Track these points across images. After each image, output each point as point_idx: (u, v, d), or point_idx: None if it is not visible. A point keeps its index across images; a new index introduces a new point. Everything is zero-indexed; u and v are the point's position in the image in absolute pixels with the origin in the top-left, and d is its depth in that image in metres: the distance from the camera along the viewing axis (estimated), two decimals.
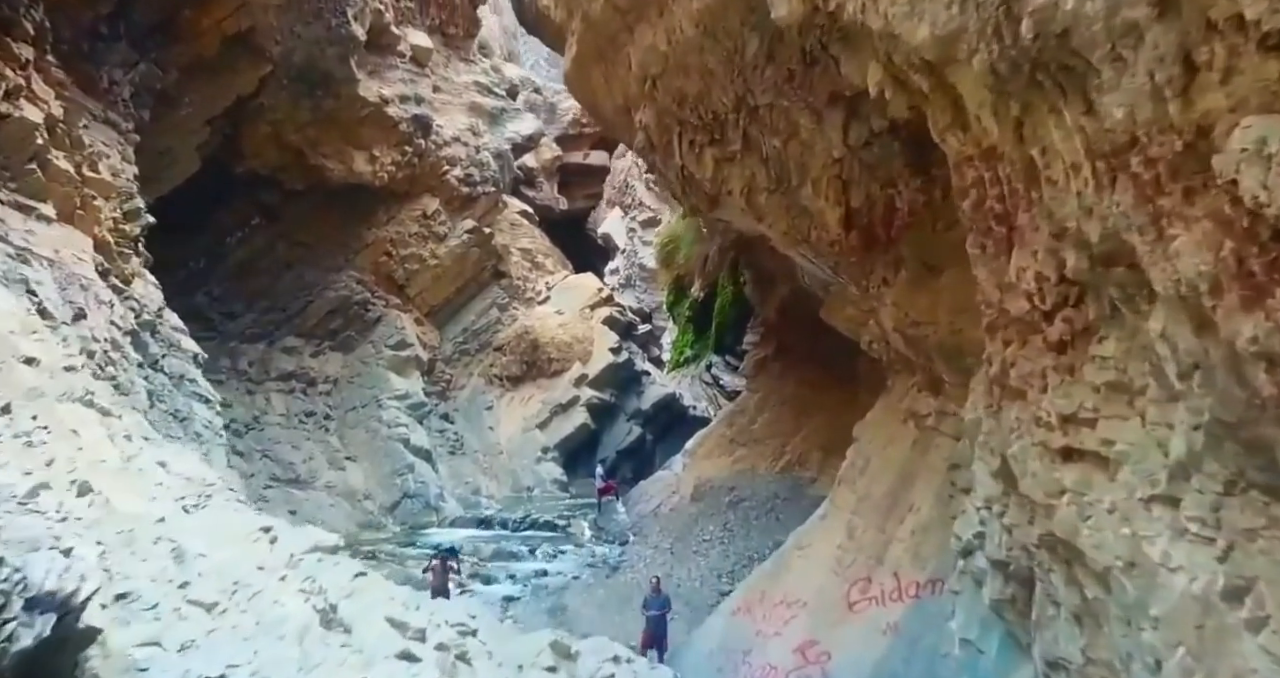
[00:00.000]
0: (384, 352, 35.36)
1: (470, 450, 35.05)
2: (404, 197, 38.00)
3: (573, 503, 30.34)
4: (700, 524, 18.31)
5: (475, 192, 39.77)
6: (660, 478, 25.31)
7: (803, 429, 21.39)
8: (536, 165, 56.38)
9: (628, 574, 17.27)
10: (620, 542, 22.66)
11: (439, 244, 38.63)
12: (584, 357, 37.19)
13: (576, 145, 60.96)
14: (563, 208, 57.83)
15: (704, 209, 16.28)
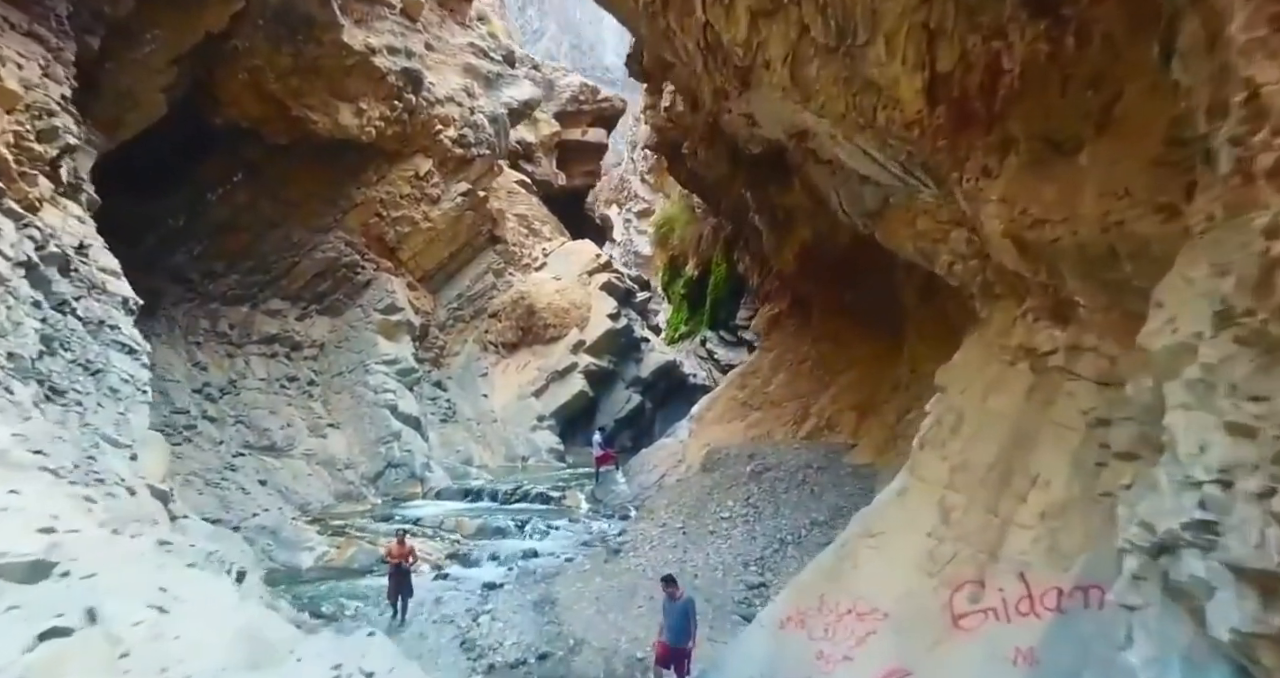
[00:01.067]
0: (373, 316, 31.02)
1: (463, 418, 30.79)
2: (395, 156, 33.56)
3: (569, 473, 26.19)
4: (716, 498, 14.13)
5: (470, 154, 35.33)
6: (664, 446, 21.17)
7: (830, 389, 17.26)
8: (535, 140, 51.95)
9: (630, 559, 13.14)
10: (621, 516, 18.57)
11: (432, 206, 34.24)
12: (581, 323, 32.93)
13: (575, 122, 56.46)
14: (561, 183, 53.34)
15: (733, 91, 11.86)
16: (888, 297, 15.42)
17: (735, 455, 16.34)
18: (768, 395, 19.83)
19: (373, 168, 32.94)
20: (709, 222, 67.48)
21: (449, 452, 28.80)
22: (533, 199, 40.70)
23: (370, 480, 24.57)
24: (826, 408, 16.60)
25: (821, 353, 18.17)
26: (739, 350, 58.34)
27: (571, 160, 56.32)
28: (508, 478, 25.29)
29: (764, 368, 20.60)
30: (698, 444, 20.12)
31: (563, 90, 55.47)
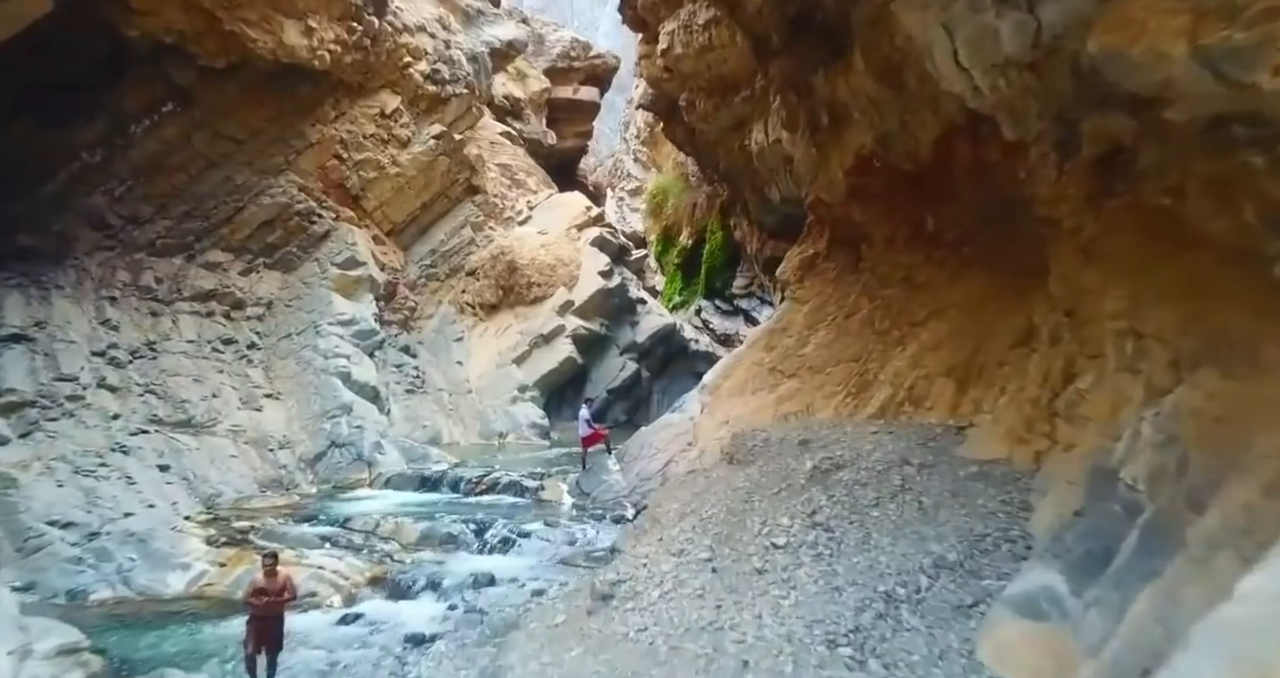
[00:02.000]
0: (330, 271, 25.00)
1: (433, 389, 24.93)
2: (357, 90, 27.42)
3: (553, 454, 20.39)
4: (759, 510, 8.26)
5: (444, 92, 29.21)
6: (668, 424, 15.43)
7: (902, 348, 11.49)
8: (523, 96, 45.67)
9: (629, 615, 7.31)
10: (613, 518, 12.88)
11: (401, 150, 28.15)
12: (569, 281, 27.04)
13: (566, 79, 50.18)
14: (551, 143, 47.10)
15: None
16: (1006, 212, 9.67)
17: (779, 442, 10.52)
18: (804, 359, 14.06)
19: (330, 102, 26.81)
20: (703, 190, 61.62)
21: (413, 427, 22.97)
22: (517, 150, 34.61)
23: (308, 464, 18.74)
24: (904, 374, 10.89)
25: (887, 301, 12.45)
26: (735, 319, 52.38)
27: (562, 120, 50.09)
28: (477, 461, 19.44)
29: (797, 324, 14.81)
30: (713, 423, 14.36)
31: (553, 46, 49.19)
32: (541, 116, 47.13)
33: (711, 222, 58.64)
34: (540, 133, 45.85)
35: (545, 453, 20.54)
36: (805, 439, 10.10)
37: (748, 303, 52.27)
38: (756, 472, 9.53)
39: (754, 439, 11.31)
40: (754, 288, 52.43)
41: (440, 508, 15.08)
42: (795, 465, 8.99)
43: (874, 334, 12.80)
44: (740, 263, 54.47)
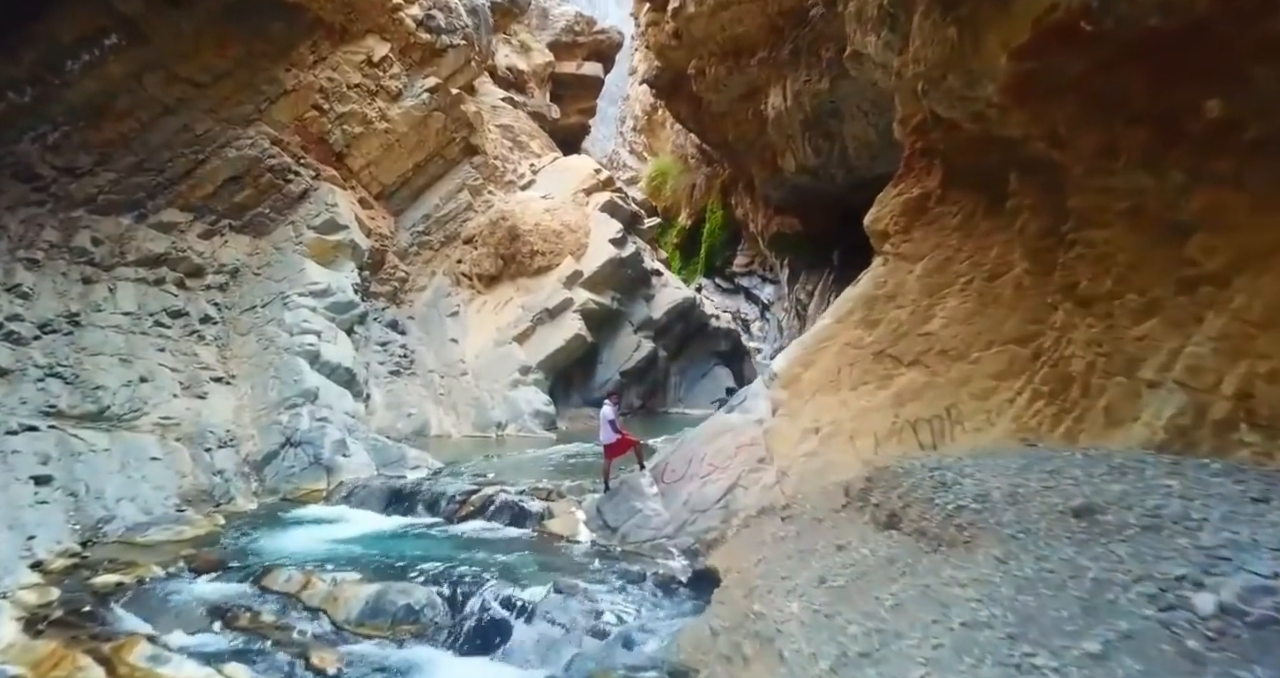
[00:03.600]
0: (305, 235, 19.18)
1: (422, 370, 19.29)
2: (340, 33, 21.47)
3: (561, 453, 14.69)
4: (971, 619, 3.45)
5: (440, 42, 23.25)
6: (725, 428, 9.77)
7: (1171, 315, 6.02)
8: (527, 69, 39.48)
9: None
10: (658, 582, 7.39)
11: (391, 103, 22.23)
12: (577, 250, 21.33)
13: (570, 54, 43.99)
14: (555, 117, 40.98)
15: None
16: None
17: (1009, 499, 4.97)
18: (930, 340, 8.55)
19: (308, 45, 20.87)
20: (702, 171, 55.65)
21: (396, 416, 17.35)
22: (519, 113, 28.63)
23: (253, 468, 13.15)
24: (1171, 362, 5.48)
25: (1092, 248, 6.92)
26: (736, 297, 46.84)
27: (566, 96, 43.97)
28: (467, 465, 13.72)
29: (909, 290, 9.27)
30: (795, 430, 8.84)
31: (557, 19, 42.97)
32: (545, 91, 41.03)
33: (711, 201, 52.84)
34: (544, 107, 39.75)
35: (551, 452, 14.92)
36: (1086, 507, 4.58)
37: (748, 281, 46.55)
38: (994, 573, 4.11)
39: (919, 485, 5.70)
40: (754, 266, 46.76)
41: (407, 545, 9.49)
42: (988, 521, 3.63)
43: (1053, 301, 7.24)
44: (741, 241, 48.83)
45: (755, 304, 43.56)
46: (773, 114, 30.31)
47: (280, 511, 11.66)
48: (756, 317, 42.16)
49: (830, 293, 35.00)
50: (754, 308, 43.09)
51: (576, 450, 14.86)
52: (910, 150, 10.59)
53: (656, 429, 18.28)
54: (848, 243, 35.12)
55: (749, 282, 45.44)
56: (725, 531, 8.23)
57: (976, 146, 9.36)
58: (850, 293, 10.23)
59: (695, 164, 54.89)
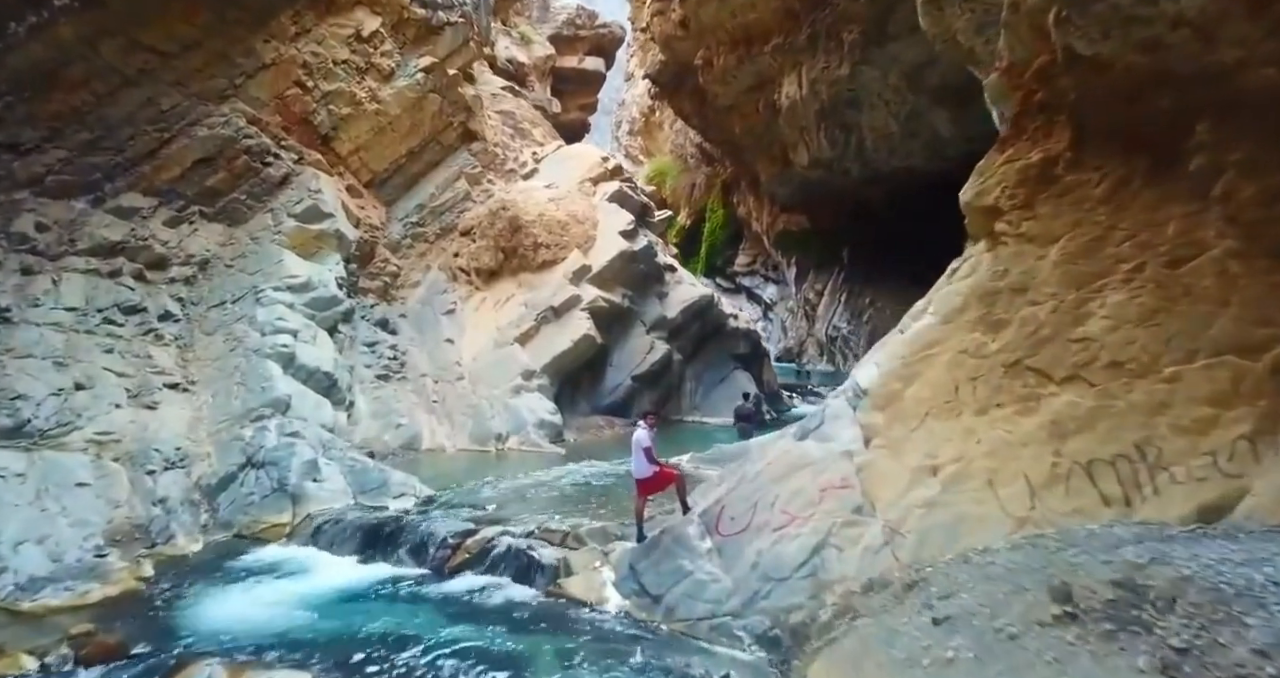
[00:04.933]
0: (285, 223, 16.47)
1: (414, 374, 16.60)
2: (325, 3, 18.78)
3: (571, 475, 11.90)
4: None
5: (436, 19, 20.57)
6: (801, 460, 7.17)
7: None
8: (528, 61, 36.84)
9: None
10: None
11: (382, 83, 19.51)
12: (585, 243, 18.68)
13: (571, 49, 41.33)
14: (556, 112, 38.30)
15: None
16: None
17: None
18: (1092, 347, 6.02)
19: (289, 15, 18.12)
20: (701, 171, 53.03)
21: (384, 427, 14.67)
22: (520, 101, 25.95)
23: (205, 495, 10.46)
24: None
25: None
26: (737, 297, 44.28)
27: (567, 91, 41.33)
28: (459, 490, 10.92)
29: (1046, 280, 6.79)
30: (902, 469, 6.33)
31: (558, 13, 40.30)
32: (546, 84, 38.38)
33: (712, 201, 50.32)
34: (545, 100, 37.11)
35: (561, 473, 12.16)
36: None
37: (750, 281, 44.03)
38: None
39: (1214, 596, 3.05)
40: (756, 265, 44.22)
41: (383, 613, 6.86)
42: None
43: None
44: (742, 241, 46.32)
45: (757, 304, 41.10)
46: (786, 104, 27.83)
47: (229, 554, 8.98)
48: (759, 317, 39.67)
49: (841, 292, 32.48)
50: (756, 308, 40.62)
51: (590, 472, 12.19)
52: (1022, 106, 7.97)
53: (674, 441, 15.67)
54: (858, 240, 32.73)
55: (751, 281, 42.98)
56: (817, 612, 5.64)
57: (1134, 91, 6.79)
58: (954, 285, 7.62)
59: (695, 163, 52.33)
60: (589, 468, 12.62)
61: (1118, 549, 4.40)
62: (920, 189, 26.48)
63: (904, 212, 27.86)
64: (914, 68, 22.01)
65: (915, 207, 27.18)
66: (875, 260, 29.45)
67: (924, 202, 27.10)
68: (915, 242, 28.01)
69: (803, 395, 22.41)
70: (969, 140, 23.97)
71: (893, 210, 28.99)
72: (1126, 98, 6.96)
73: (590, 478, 12.00)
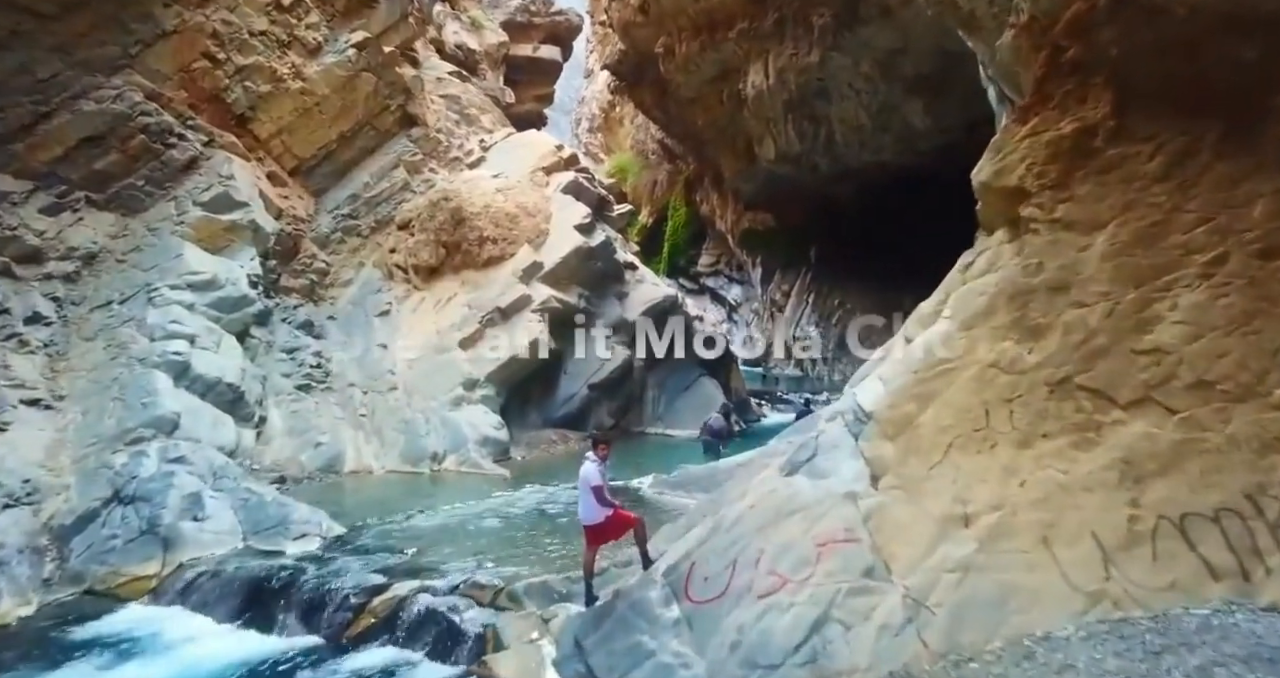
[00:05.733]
0: (190, 212, 14.50)
1: (341, 384, 14.80)
2: None
3: (517, 505, 10.20)
4: None
5: None
6: (791, 504, 5.95)
7: None
8: (479, 49, 34.83)
9: None
10: None
11: (308, 59, 17.63)
12: (536, 237, 17.05)
13: (525, 36, 39.49)
14: (509, 102, 36.43)
15: None
16: None
17: None
18: (1170, 359, 4.72)
19: None
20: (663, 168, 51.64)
21: (301, 446, 12.85)
22: (468, 86, 24.18)
23: (56, 539, 8.58)
24: None
25: None
26: (701, 298, 43.02)
27: (521, 82, 39.46)
28: (378, 528, 9.11)
29: (1093, 276, 5.47)
30: (926, 518, 4.98)
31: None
32: (499, 73, 36.46)
33: (674, 198, 48.93)
34: (498, 90, 35.18)
35: (503, 502, 10.54)
36: None
37: (714, 281, 42.72)
38: None
39: None
40: (721, 265, 42.98)
41: None
42: None
43: None
44: (706, 240, 45.03)
45: (722, 305, 39.85)
46: (751, 94, 26.58)
47: (70, 619, 7.17)
48: (723, 319, 38.46)
49: (808, 293, 31.38)
50: (720, 309, 39.40)
51: (537, 500, 10.60)
52: (1047, 68, 6.64)
53: (634, 457, 14.17)
54: (826, 238, 31.71)
55: (715, 282, 41.71)
56: None
57: (1199, 40, 5.54)
58: (973, 283, 6.27)
59: (656, 160, 50.88)
60: (536, 494, 11.03)
61: (1257, 650, 3.01)
62: (891, 185, 25.52)
63: (874, 208, 26.87)
64: (886, 54, 20.92)
65: (886, 203, 26.22)
66: (844, 260, 28.41)
67: (895, 198, 26.19)
68: (886, 240, 27.08)
69: (772, 403, 21.11)
70: (943, 132, 23.06)
71: (862, 207, 27.98)
72: (1187, 50, 5.68)
73: (537, 507, 10.41)
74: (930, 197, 24.31)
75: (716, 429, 14.04)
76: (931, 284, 6.97)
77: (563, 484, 11.22)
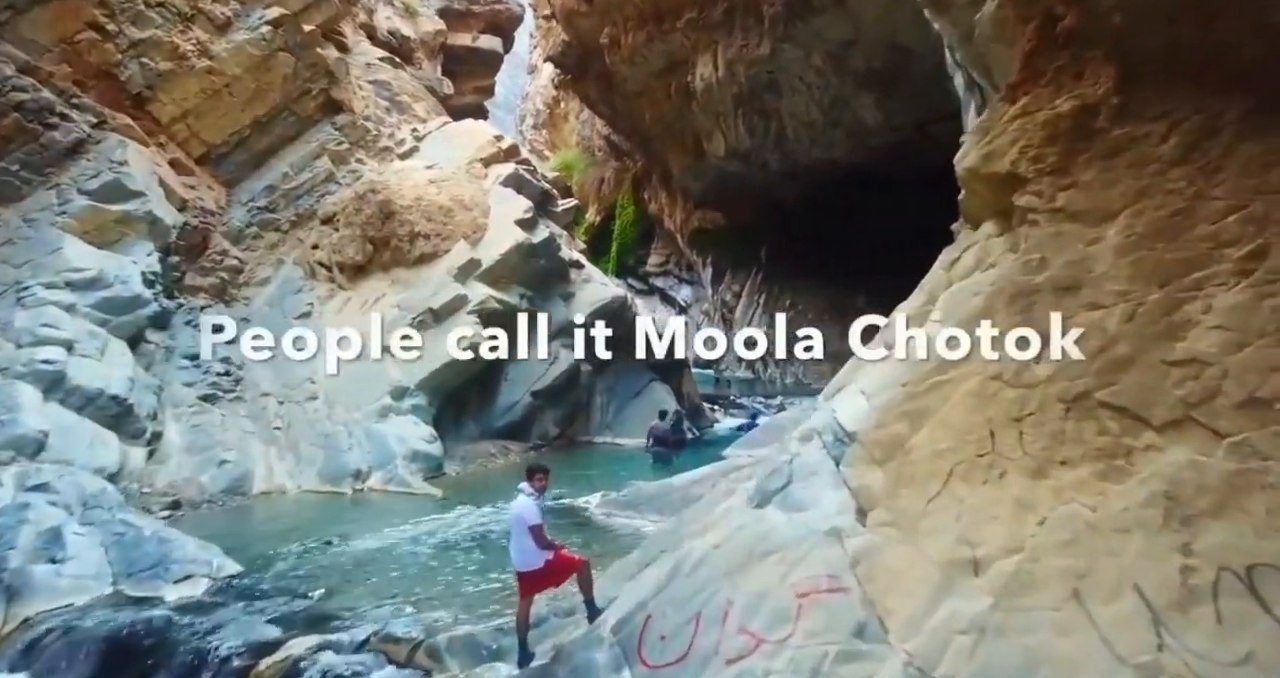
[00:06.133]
0: (74, 201, 12.83)
1: (252, 394, 13.38)
2: None
3: (447, 533, 9.06)
4: None
5: None
6: (759, 547, 5.06)
7: None
8: (414, 36, 33.16)
9: None
10: None
11: (216, 36, 16.08)
12: (473, 232, 15.86)
13: (464, 26, 37.89)
14: (447, 93, 34.86)
15: None
16: None
17: None
18: (1210, 371, 3.99)
19: None
20: (610, 165, 50.62)
21: (202, 465, 11.44)
22: (401, 73, 22.75)
23: None
24: None
25: None
26: (650, 299, 42.26)
27: (460, 73, 37.83)
28: (284, 562, 7.89)
29: (1107, 274, 4.81)
30: (924, 561, 4.21)
31: None
32: (436, 63, 34.87)
33: (622, 197, 48.00)
34: (435, 80, 33.57)
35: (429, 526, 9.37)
36: None
37: (664, 281, 41.95)
38: None
39: None
40: (670, 265, 42.24)
41: None
42: None
43: None
44: (655, 239, 44.23)
45: (671, 306, 39.08)
46: (700, 87, 25.85)
47: None
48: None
49: (759, 294, 30.87)
50: (670, 310, 38.65)
51: (471, 525, 9.49)
52: (1036, 41, 5.93)
53: (581, 470, 13.17)
54: (777, 238, 31.26)
55: (664, 282, 40.92)
56: None
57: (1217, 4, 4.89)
58: (965, 282, 5.50)
59: (603, 157, 49.81)
60: (470, 517, 9.91)
61: None
62: (842, 183, 25.14)
63: (825, 207, 26.47)
64: (838, 46, 20.45)
65: (837, 202, 25.83)
66: (795, 260, 27.96)
67: (846, 197, 25.84)
68: (838, 239, 26.74)
69: (725, 408, 20.38)
70: (894, 129, 22.76)
71: (813, 206, 27.57)
72: (1203, 15, 5.01)
73: (470, 532, 9.31)
74: (881, 195, 24.04)
75: (663, 436, 13.18)
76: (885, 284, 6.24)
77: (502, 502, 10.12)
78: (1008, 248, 5.58)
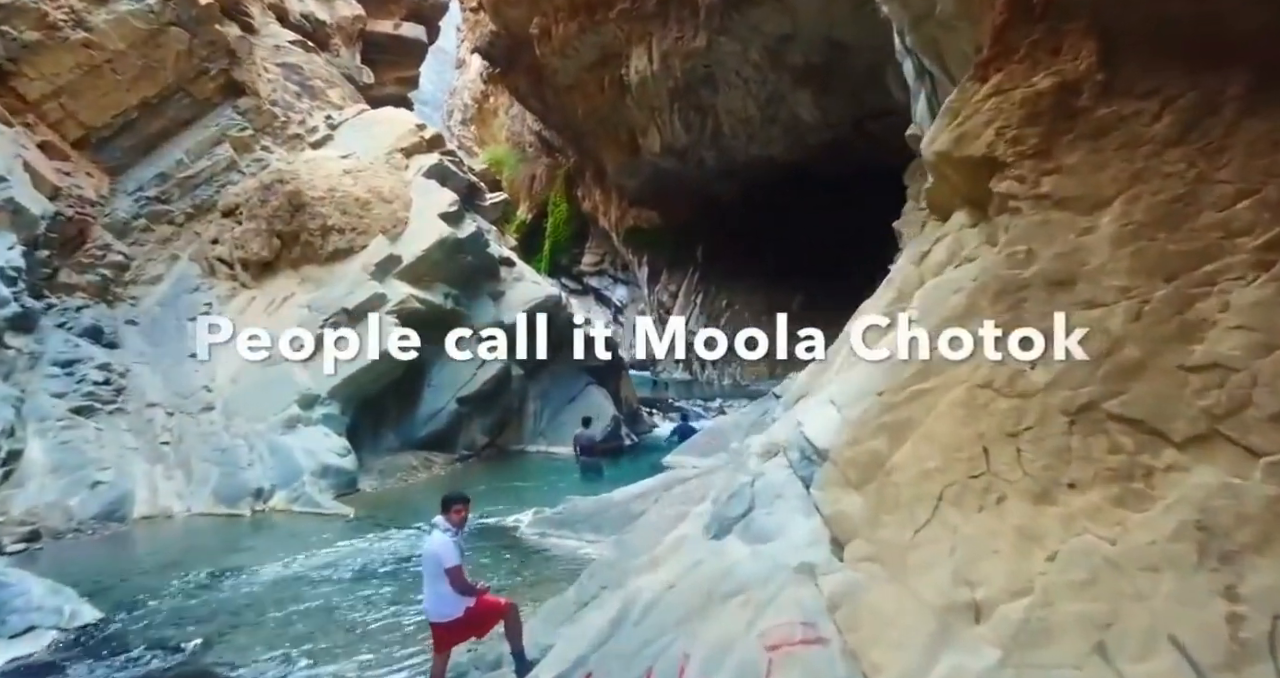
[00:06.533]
0: None
1: (136, 405, 11.87)
2: None
3: (357, 563, 8.11)
4: None
5: None
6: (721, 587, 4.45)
7: None
8: (330, 21, 31.30)
9: None
10: None
11: (95, 5, 14.42)
12: (392, 227, 14.67)
13: (385, 12, 36.00)
14: (368, 82, 33.10)
15: None
16: None
17: None
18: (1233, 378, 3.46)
19: None
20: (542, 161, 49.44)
21: (71, 486, 10.00)
22: (314, 57, 21.20)
23: None
24: None
25: None
26: (584, 300, 41.33)
27: (382, 62, 35.91)
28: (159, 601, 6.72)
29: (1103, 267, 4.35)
30: (915, 606, 3.63)
31: None
32: (355, 51, 33.04)
33: (554, 194, 46.92)
34: (354, 68, 31.75)
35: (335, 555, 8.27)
36: None
37: (598, 281, 41.07)
38: None
39: None
40: (605, 265, 41.40)
41: None
42: None
43: None
44: (589, 238, 43.31)
45: (607, 307, 38.26)
46: (635, 81, 25.13)
47: None
48: (609, 321, 36.91)
49: (696, 294, 30.39)
50: (605, 311, 37.82)
51: (383, 551, 8.46)
52: (1009, 13, 5.42)
53: (512, 483, 12.24)
54: (713, 236, 30.88)
55: (599, 282, 40.05)
56: None
57: None
58: (941, 277, 4.92)
59: (534, 153, 48.58)
60: (383, 542, 8.87)
61: None
62: (779, 181, 24.91)
63: (762, 205, 26.21)
64: (776, 41, 20.10)
65: (774, 200, 25.60)
66: (732, 259, 27.61)
67: (783, 195, 25.63)
68: (774, 238, 26.52)
69: (664, 412, 19.72)
70: (831, 126, 22.60)
71: (750, 204, 27.28)
72: None
73: (386, 559, 8.28)
74: (820, 194, 23.91)
75: (588, 444, 12.43)
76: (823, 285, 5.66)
77: (418, 526, 9.13)
78: (985, 239, 5.04)
